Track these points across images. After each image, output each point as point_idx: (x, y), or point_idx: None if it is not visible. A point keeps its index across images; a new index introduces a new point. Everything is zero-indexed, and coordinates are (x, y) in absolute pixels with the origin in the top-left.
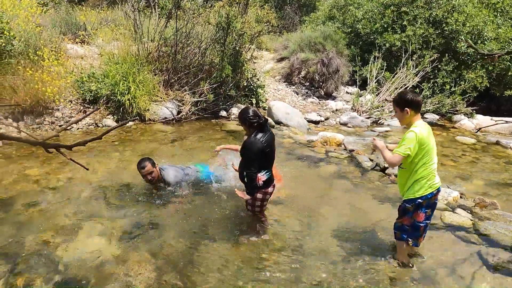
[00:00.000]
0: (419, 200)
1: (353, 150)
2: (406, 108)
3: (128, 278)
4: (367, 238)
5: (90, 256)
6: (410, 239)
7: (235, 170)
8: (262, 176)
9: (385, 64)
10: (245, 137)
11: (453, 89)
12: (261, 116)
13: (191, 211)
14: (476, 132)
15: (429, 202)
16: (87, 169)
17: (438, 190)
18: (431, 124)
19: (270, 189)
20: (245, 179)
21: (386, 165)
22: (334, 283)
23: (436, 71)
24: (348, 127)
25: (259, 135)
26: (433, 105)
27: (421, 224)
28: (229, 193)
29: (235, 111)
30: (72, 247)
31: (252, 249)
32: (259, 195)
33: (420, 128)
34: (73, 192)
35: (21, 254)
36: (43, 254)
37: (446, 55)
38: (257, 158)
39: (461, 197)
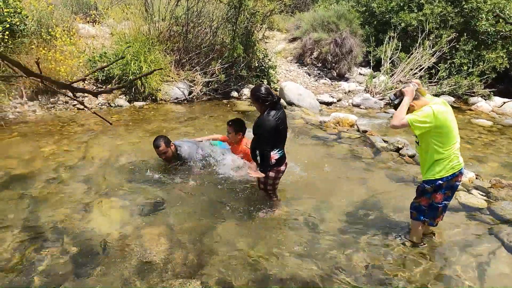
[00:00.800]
0: (439, 182)
1: (366, 131)
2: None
3: (144, 252)
4: (380, 217)
5: (107, 230)
6: (426, 220)
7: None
8: (274, 155)
9: (400, 45)
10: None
11: (470, 70)
12: (274, 94)
13: (205, 189)
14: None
15: (450, 183)
16: (111, 124)
17: (461, 171)
18: None
19: (282, 168)
20: (257, 158)
21: (400, 146)
22: (345, 261)
23: (453, 51)
24: (361, 108)
25: (272, 113)
26: (449, 86)
27: (439, 205)
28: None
29: (246, 91)
30: (89, 221)
31: (264, 226)
32: (271, 174)
33: (438, 105)
34: (89, 169)
35: (40, 228)
36: (61, 227)
37: (465, 34)
38: (270, 136)
39: (476, 178)
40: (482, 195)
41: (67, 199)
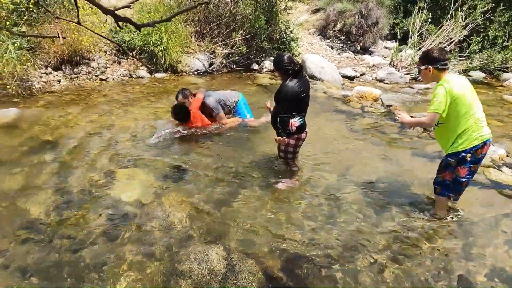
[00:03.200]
0: (463, 154)
1: (390, 106)
2: (429, 66)
3: (166, 217)
4: (403, 192)
5: (130, 196)
6: (451, 195)
7: None
8: (295, 122)
9: (430, 16)
10: None
11: (505, 43)
12: (296, 63)
13: (226, 158)
14: None
15: (475, 156)
16: (143, 63)
17: (485, 142)
18: (476, 82)
19: (303, 136)
20: (278, 125)
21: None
22: (367, 235)
23: (487, 23)
24: (385, 83)
25: (294, 81)
26: (481, 61)
27: (464, 179)
28: (262, 139)
29: (267, 64)
30: (115, 188)
31: (284, 196)
32: (291, 141)
33: (450, 81)
34: (113, 138)
35: (68, 191)
36: (88, 192)
37: (501, 4)
38: (291, 103)
39: (507, 156)
40: None
41: (92, 166)
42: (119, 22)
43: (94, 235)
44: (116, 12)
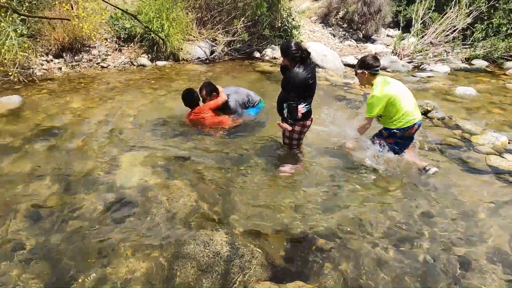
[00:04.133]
0: (394, 130)
1: None
2: (365, 71)
3: (170, 202)
4: (405, 176)
5: (134, 181)
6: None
7: None
8: (302, 108)
9: (434, 3)
10: None
11: (510, 31)
12: (304, 49)
13: (230, 144)
14: None
15: (404, 134)
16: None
17: (413, 125)
18: (479, 70)
19: (308, 122)
20: (284, 111)
21: (429, 108)
22: (367, 220)
23: (492, 11)
24: (387, 71)
25: (302, 67)
26: (484, 49)
27: (392, 146)
28: (266, 125)
29: (269, 52)
30: (118, 174)
31: (288, 181)
32: (297, 128)
33: (379, 87)
34: (114, 125)
35: (71, 177)
36: (91, 178)
37: None
38: (298, 90)
39: (509, 143)
40: None
41: (94, 152)
42: None
43: (97, 219)
44: None
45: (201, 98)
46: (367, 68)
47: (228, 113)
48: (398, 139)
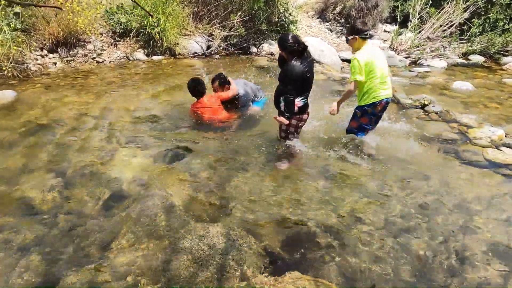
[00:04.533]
0: (365, 107)
1: None
2: (355, 36)
3: (167, 196)
4: (400, 167)
5: (130, 176)
6: (361, 135)
7: None
8: (298, 102)
9: None
10: None
11: (506, 26)
12: (301, 42)
13: (227, 138)
14: None
15: (374, 110)
16: (151, 15)
17: (381, 101)
18: (476, 65)
19: (304, 116)
20: (281, 105)
21: (426, 103)
22: (363, 212)
23: (489, 6)
24: None
25: (299, 61)
26: (481, 44)
27: (366, 127)
28: (263, 119)
29: (265, 47)
30: (113, 167)
31: (285, 175)
32: (293, 121)
33: (363, 53)
34: (110, 119)
35: (68, 171)
36: (88, 172)
37: None
38: (295, 84)
39: (506, 136)
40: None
41: (90, 146)
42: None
43: (93, 214)
44: None
45: (212, 89)
46: (357, 33)
47: (235, 106)
48: (370, 116)
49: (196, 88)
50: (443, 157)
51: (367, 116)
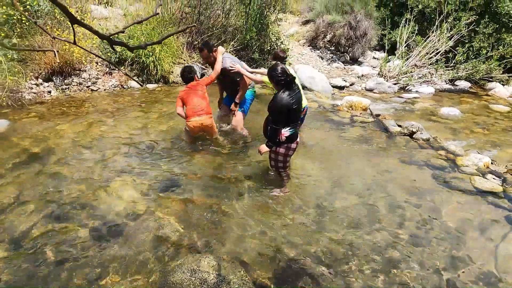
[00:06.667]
0: None
1: (379, 115)
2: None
3: (158, 227)
4: (390, 200)
5: (122, 207)
6: None
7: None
8: (285, 132)
9: (417, 28)
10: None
11: (489, 54)
12: (289, 74)
13: (218, 167)
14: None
15: None
16: (131, 78)
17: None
18: (463, 91)
19: (293, 145)
20: (268, 134)
21: (414, 130)
22: (354, 244)
23: (472, 35)
24: (374, 93)
25: (287, 92)
26: (466, 71)
27: None
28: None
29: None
30: (105, 198)
31: (276, 205)
32: (281, 150)
33: None
34: (103, 148)
35: (59, 202)
36: (78, 203)
37: (486, 16)
38: (282, 114)
39: (492, 163)
40: (496, 179)
41: (82, 176)
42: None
43: (83, 247)
44: (111, 37)
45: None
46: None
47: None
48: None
49: (188, 76)
50: (432, 184)
51: None
